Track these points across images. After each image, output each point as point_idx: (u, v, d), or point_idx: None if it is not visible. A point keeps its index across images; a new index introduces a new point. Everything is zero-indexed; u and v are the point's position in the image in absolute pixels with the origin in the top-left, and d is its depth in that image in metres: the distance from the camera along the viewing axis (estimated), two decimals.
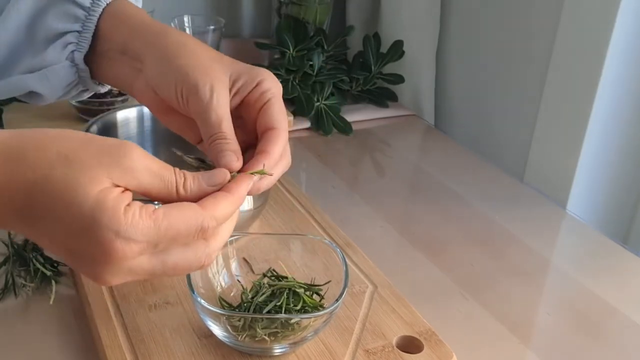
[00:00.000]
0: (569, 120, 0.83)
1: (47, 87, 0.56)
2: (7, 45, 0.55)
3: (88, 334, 0.56)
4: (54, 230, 0.38)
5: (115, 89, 0.95)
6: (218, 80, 0.50)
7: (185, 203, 0.41)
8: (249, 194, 0.46)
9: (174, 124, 0.55)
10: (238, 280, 0.57)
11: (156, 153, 0.72)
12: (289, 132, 0.91)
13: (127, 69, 0.54)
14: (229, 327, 0.51)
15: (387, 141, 0.98)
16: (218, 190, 0.43)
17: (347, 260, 0.61)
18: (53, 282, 0.60)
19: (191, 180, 0.42)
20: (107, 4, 0.54)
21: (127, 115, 0.71)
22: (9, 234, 0.64)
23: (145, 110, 0.72)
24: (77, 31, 0.54)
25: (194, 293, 0.50)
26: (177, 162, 0.70)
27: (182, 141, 0.73)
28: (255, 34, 1.22)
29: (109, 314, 0.55)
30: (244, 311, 0.53)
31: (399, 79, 1.05)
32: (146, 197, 0.41)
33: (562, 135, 0.84)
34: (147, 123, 0.72)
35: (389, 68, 1.05)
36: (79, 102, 0.90)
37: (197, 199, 0.42)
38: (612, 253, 0.74)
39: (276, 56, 1.06)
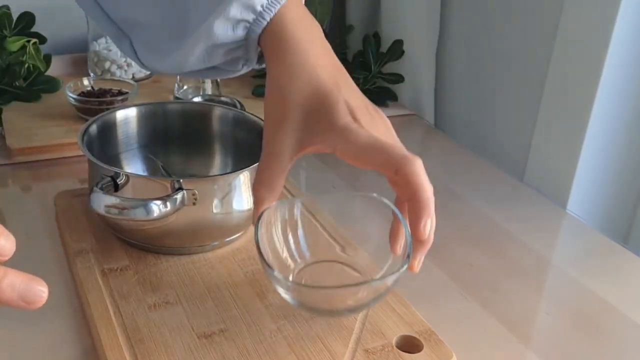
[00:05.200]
0: (569, 120, 0.83)
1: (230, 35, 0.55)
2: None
3: (87, 333, 0.56)
4: None
5: (115, 88, 0.95)
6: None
7: None
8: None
9: None
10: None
11: (155, 153, 0.73)
12: None
13: None
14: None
15: None
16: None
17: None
18: None
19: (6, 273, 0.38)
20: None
21: (126, 115, 0.71)
22: None
23: (145, 109, 0.72)
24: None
25: (267, 265, 0.50)
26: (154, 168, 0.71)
27: (175, 146, 0.74)
28: None
29: (109, 314, 0.55)
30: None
31: (399, 78, 1.05)
32: None
33: (562, 135, 0.84)
34: (147, 122, 0.72)
35: (389, 68, 1.05)
36: (78, 101, 0.90)
37: None
38: (612, 253, 0.74)
39: None
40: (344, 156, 0.52)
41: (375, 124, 0.53)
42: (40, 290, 0.38)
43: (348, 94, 0.54)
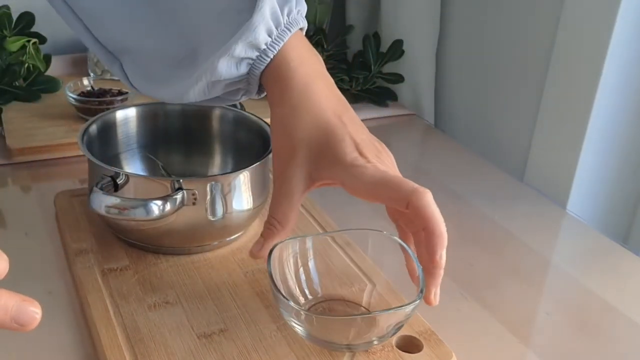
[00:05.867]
0: (569, 120, 0.83)
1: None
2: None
3: (87, 333, 0.56)
4: None
5: (115, 88, 0.95)
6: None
7: None
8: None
9: None
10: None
11: (155, 153, 0.73)
12: None
13: None
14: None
15: (387, 141, 0.97)
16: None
17: (347, 259, 0.62)
18: None
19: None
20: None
21: (126, 115, 0.71)
22: None
23: (145, 109, 0.72)
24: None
25: (282, 295, 0.50)
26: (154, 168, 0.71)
27: (175, 146, 0.74)
28: None
29: (109, 314, 0.55)
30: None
31: (398, 78, 1.05)
32: None
33: (562, 135, 0.84)
34: (147, 122, 0.72)
35: (389, 67, 1.05)
36: (78, 101, 0.90)
37: None
38: (612, 253, 0.74)
39: None
40: (353, 192, 0.52)
41: (382, 158, 0.54)
42: (33, 312, 0.38)
43: (353, 129, 0.54)
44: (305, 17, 0.58)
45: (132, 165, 0.72)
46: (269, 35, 0.54)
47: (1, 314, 0.36)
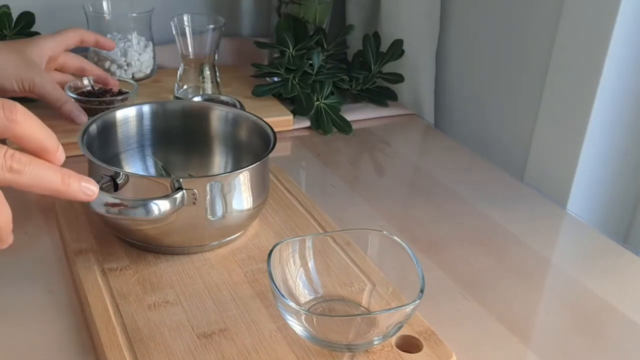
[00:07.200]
0: (569, 120, 0.83)
1: None
2: None
3: (87, 333, 0.56)
4: None
5: (114, 88, 0.95)
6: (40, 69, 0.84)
7: None
8: None
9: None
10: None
11: (155, 152, 0.73)
12: (289, 131, 0.92)
13: None
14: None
15: (387, 140, 0.98)
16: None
17: (347, 259, 0.62)
18: None
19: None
20: None
21: (126, 115, 0.71)
22: None
23: (145, 109, 0.72)
24: None
25: (281, 295, 0.51)
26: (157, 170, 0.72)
27: (175, 146, 0.74)
28: (255, 33, 1.22)
29: (108, 314, 0.55)
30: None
31: (398, 78, 1.05)
32: None
33: (562, 135, 0.84)
34: (147, 122, 0.72)
35: (389, 67, 1.05)
36: (78, 101, 0.90)
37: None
38: (612, 253, 0.74)
39: (276, 55, 1.06)
40: None
41: None
42: (86, 187, 0.52)
43: None
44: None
45: (132, 165, 0.72)
46: None
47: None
